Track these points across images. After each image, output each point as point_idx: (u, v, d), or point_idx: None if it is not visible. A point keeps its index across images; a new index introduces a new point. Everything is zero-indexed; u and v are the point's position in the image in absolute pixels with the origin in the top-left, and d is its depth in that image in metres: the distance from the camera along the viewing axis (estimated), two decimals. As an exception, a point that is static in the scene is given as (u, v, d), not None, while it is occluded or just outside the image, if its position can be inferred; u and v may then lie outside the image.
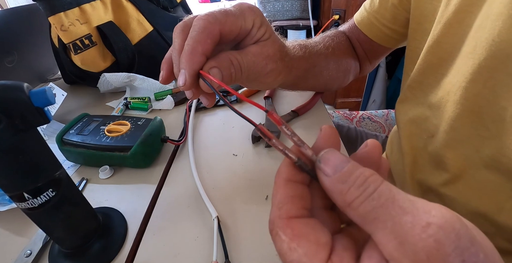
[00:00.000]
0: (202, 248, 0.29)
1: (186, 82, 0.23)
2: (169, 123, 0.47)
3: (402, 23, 0.43)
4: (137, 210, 0.34)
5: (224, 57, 0.24)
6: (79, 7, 0.52)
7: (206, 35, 0.23)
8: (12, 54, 0.57)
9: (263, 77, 0.29)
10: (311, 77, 0.40)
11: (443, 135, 0.34)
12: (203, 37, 0.23)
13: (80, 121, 0.43)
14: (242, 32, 0.26)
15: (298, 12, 1.80)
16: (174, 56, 0.25)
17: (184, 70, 0.23)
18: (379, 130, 0.78)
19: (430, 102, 0.36)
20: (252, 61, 0.26)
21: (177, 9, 0.70)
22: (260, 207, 0.33)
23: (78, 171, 0.41)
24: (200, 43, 0.23)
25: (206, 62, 0.24)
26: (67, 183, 0.25)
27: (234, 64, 0.25)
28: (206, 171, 0.38)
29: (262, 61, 0.27)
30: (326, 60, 0.42)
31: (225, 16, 0.24)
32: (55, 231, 0.27)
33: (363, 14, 0.47)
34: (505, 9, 0.25)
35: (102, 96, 0.61)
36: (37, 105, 0.21)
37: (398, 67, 1.52)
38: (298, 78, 0.37)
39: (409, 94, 0.40)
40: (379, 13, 0.44)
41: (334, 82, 0.47)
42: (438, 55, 0.34)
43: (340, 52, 0.46)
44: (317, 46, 0.40)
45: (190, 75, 0.23)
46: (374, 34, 0.47)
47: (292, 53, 0.33)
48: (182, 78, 0.23)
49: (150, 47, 0.61)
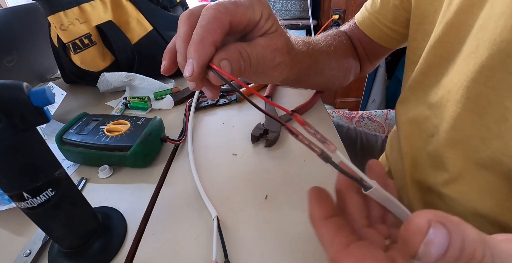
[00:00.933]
0: (202, 248, 0.29)
1: (194, 73, 0.22)
2: (169, 123, 0.47)
3: (403, 24, 0.43)
4: (136, 210, 0.34)
5: (233, 49, 0.24)
6: (79, 6, 0.52)
7: (217, 25, 0.22)
8: (12, 53, 0.57)
9: (270, 70, 0.28)
10: (313, 74, 0.40)
11: (443, 134, 0.34)
12: (213, 27, 0.22)
13: (80, 120, 0.43)
14: (251, 23, 0.25)
15: (298, 12, 1.80)
16: (179, 45, 0.24)
17: (192, 60, 0.22)
18: (378, 130, 0.79)
19: (430, 102, 0.36)
20: (261, 54, 0.26)
21: (177, 8, 0.70)
22: (259, 206, 0.33)
23: (77, 171, 0.41)
24: (210, 33, 0.22)
25: (216, 53, 0.23)
26: (67, 183, 0.25)
27: (244, 57, 0.24)
28: (206, 170, 0.38)
29: (270, 53, 0.27)
30: (328, 58, 0.42)
31: (235, 6, 0.23)
32: (55, 230, 0.27)
33: (364, 15, 0.47)
34: (507, 9, 0.25)
35: (101, 95, 0.61)
36: (37, 104, 0.21)
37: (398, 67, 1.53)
38: (301, 74, 0.36)
39: (410, 95, 0.40)
40: (381, 14, 0.44)
41: (335, 81, 0.47)
42: (439, 55, 0.34)
43: (341, 51, 0.45)
44: (320, 44, 0.40)
45: (199, 66, 0.22)
46: (375, 34, 0.47)
47: (297, 47, 0.33)
48: (189, 69, 0.22)
49: (149, 46, 0.61)
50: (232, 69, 0.23)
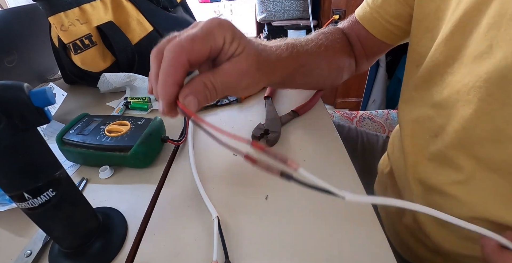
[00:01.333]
0: (202, 248, 0.29)
1: (164, 110, 0.26)
2: (169, 123, 0.47)
3: (405, 20, 0.42)
4: (137, 210, 0.34)
5: (197, 82, 0.26)
6: (79, 7, 0.52)
7: (175, 67, 0.25)
8: (12, 54, 0.57)
9: (240, 91, 0.30)
10: (300, 76, 0.40)
11: (452, 134, 0.33)
12: (172, 69, 0.25)
13: (80, 121, 0.43)
14: (214, 51, 0.26)
15: (298, 12, 1.80)
16: (152, 83, 0.27)
17: (161, 100, 0.26)
18: (379, 131, 0.78)
19: (435, 101, 0.36)
20: (225, 81, 0.27)
21: (177, 9, 0.70)
22: (260, 207, 0.33)
23: (78, 171, 0.41)
24: (171, 75, 0.25)
25: (181, 90, 0.25)
26: (67, 183, 0.25)
27: (209, 87, 0.26)
28: (206, 171, 0.38)
29: (236, 78, 0.28)
30: (317, 59, 0.42)
31: (192, 42, 0.25)
32: (55, 231, 0.27)
33: (365, 9, 0.47)
34: None
35: (102, 96, 0.61)
36: (37, 105, 0.21)
37: (398, 67, 1.52)
38: (285, 78, 0.37)
39: (415, 94, 0.40)
40: (383, 8, 0.44)
41: (326, 81, 0.47)
42: (446, 54, 0.34)
43: (333, 50, 0.45)
44: (308, 45, 0.40)
45: (166, 105, 0.26)
46: (376, 29, 0.46)
47: (275, 56, 0.34)
48: (160, 107, 0.26)
49: (150, 47, 0.60)
50: (198, 102, 0.26)
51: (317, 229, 0.30)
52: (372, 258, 0.27)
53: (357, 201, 0.19)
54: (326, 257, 0.27)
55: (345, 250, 0.28)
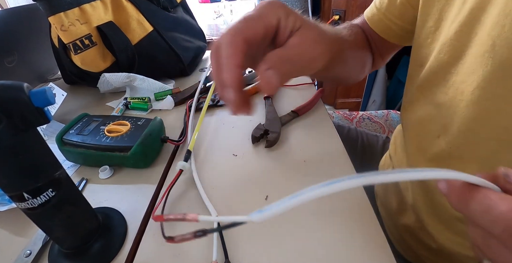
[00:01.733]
0: (202, 248, 0.29)
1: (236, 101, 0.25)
2: (169, 123, 0.47)
3: (409, 20, 0.42)
4: (137, 210, 0.34)
5: (272, 56, 0.25)
6: (79, 7, 0.52)
7: (233, 49, 0.24)
8: (12, 54, 0.57)
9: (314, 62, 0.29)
10: (337, 63, 0.38)
11: (457, 135, 0.33)
12: (230, 50, 0.24)
13: (80, 121, 0.43)
14: (269, 29, 0.26)
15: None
16: (214, 78, 0.27)
17: (230, 89, 0.25)
18: (379, 131, 0.79)
19: (438, 102, 0.35)
20: (299, 52, 0.26)
21: (177, 9, 0.70)
22: (260, 207, 0.33)
23: (78, 171, 0.41)
24: (230, 57, 0.24)
25: (258, 66, 0.24)
26: (67, 183, 0.25)
27: (285, 60, 0.25)
28: (206, 171, 0.38)
29: (308, 47, 0.27)
30: (351, 47, 0.41)
31: (244, 22, 0.25)
32: (55, 231, 0.27)
33: (373, 11, 0.47)
34: None
35: (102, 96, 0.61)
36: (37, 105, 0.21)
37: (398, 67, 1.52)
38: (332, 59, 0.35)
39: (419, 94, 0.40)
40: (388, 10, 0.44)
41: (352, 74, 0.47)
42: (451, 54, 0.33)
43: (359, 42, 0.45)
44: (342, 33, 0.40)
45: (236, 91, 0.25)
46: (382, 31, 0.46)
47: (329, 34, 0.33)
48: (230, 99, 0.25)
49: (150, 47, 0.61)
50: (280, 75, 0.24)
51: (316, 229, 0.30)
52: (372, 258, 0.27)
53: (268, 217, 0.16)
54: (326, 257, 0.27)
55: (345, 250, 0.28)
